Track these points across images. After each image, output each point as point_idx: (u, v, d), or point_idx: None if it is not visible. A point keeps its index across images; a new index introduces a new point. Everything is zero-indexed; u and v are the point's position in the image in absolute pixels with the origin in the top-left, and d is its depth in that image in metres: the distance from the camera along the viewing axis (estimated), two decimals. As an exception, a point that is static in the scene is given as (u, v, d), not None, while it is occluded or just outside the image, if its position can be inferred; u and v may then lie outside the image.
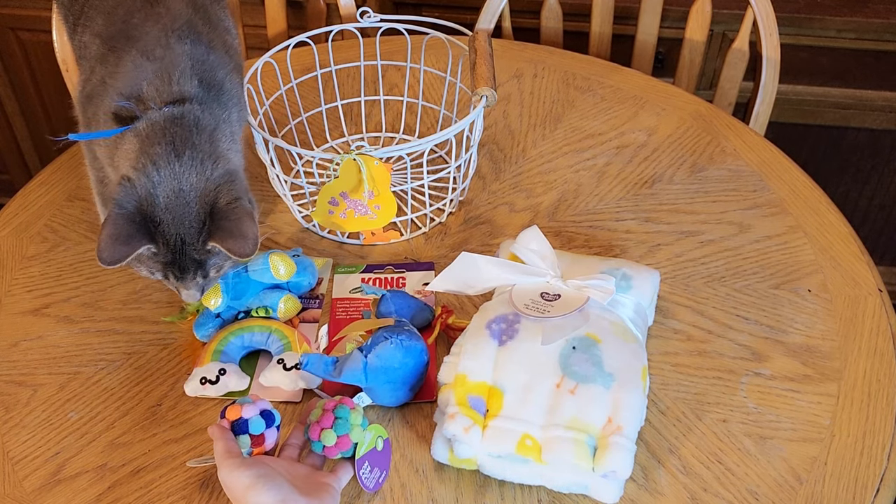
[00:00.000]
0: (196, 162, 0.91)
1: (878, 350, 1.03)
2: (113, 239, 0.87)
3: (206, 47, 1.00)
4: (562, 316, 0.94)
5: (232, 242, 0.90)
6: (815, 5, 1.75)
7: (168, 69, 0.96)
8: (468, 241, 1.18)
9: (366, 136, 1.35)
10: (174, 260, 0.91)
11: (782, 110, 1.81)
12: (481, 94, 1.12)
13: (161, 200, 0.89)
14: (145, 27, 0.99)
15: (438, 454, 0.92)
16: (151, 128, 0.93)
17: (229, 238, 0.90)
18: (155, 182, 0.89)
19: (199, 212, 0.90)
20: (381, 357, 0.97)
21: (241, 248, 0.90)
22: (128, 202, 0.89)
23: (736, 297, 1.09)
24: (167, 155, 0.91)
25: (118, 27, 1.00)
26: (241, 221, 0.90)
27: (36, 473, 0.96)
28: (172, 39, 0.98)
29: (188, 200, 0.90)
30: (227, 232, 0.90)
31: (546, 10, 1.64)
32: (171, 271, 0.92)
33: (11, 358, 1.07)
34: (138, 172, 0.90)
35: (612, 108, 1.37)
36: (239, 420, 0.86)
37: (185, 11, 1.02)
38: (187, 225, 0.90)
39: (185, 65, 0.97)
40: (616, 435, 0.88)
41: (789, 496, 0.90)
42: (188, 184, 0.90)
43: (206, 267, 0.93)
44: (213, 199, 0.91)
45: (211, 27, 1.04)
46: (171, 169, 0.90)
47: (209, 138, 0.94)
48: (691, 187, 1.24)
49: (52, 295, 1.14)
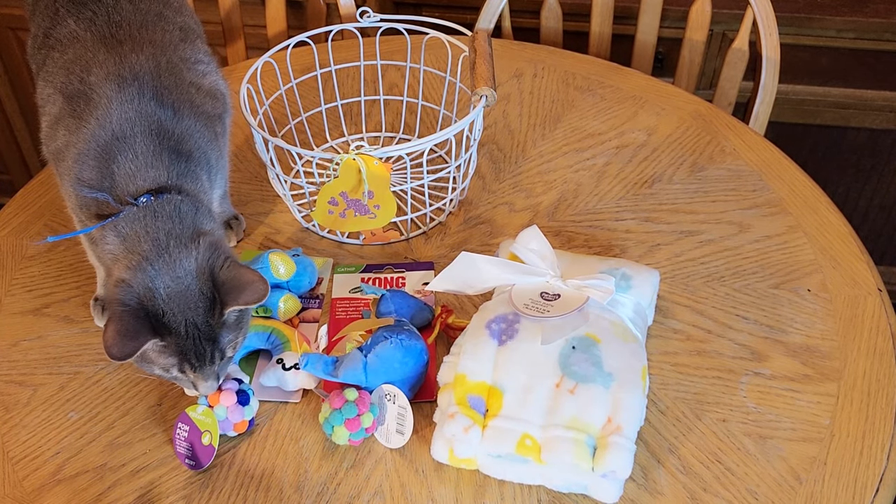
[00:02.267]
0: (182, 248, 0.91)
1: (878, 350, 1.03)
2: (121, 335, 0.86)
3: (174, 114, 0.97)
4: (561, 316, 0.94)
5: (245, 295, 0.90)
6: (815, 5, 1.75)
7: (136, 150, 0.94)
8: (468, 240, 1.18)
9: (366, 135, 1.35)
10: (189, 347, 0.90)
11: (782, 110, 1.81)
12: (481, 94, 1.12)
13: (162, 292, 0.89)
14: (105, 90, 0.96)
15: (438, 454, 0.92)
16: (132, 225, 0.92)
17: (241, 293, 0.90)
18: (151, 276, 0.89)
19: (201, 289, 0.90)
20: (381, 357, 0.97)
21: (254, 295, 0.89)
22: (130, 300, 0.88)
23: (736, 296, 1.09)
24: (156, 250, 0.90)
25: (76, 86, 0.97)
26: (242, 275, 0.90)
27: (36, 473, 0.96)
28: (136, 111, 0.95)
29: (188, 284, 0.89)
30: (237, 289, 0.90)
31: (546, 10, 1.64)
32: (188, 360, 0.91)
33: (11, 358, 1.07)
34: (132, 272, 0.89)
35: (612, 108, 1.37)
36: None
37: (151, 72, 0.99)
38: (193, 307, 0.89)
39: (153, 143, 0.95)
40: (616, 435, 0.88)
41: (789, 496, 0.90)
42: (182, 269, 0.90)
43: (221, 345, 0.92)
44: (210, 272, 0.91)
45: (179, 88, 1.00)
46: (163, 261, 0.90)
47: (191, 224, 0.93)
48: (691, 187, 1.24)
49: (52, 295, 1.14)
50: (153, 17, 1.05)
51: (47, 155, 1.03)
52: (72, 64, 1.00)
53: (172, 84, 1.00)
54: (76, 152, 0.95)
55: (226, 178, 1.08)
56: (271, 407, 1.00)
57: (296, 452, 0.96)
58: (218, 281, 0.90)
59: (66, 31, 1.02)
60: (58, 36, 1.02)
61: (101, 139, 0.94)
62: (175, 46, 1.04)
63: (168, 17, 1.06)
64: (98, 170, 0.94)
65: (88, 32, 1.01)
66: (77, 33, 1.01)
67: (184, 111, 0.99)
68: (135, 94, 0.96)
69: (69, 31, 1.02)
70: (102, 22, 1.02)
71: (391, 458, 0.95)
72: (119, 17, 1.02)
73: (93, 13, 1.02)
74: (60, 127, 0.98)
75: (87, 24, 1.02)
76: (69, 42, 1.01)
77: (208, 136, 1.02)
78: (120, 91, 0.96)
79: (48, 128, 1.00)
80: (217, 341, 0.91)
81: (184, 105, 0.99)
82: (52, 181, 1.29)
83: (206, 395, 0.95)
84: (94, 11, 1.02)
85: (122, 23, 1.02)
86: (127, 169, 0.94)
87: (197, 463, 0.94)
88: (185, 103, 1.00)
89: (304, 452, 0.96)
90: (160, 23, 1.05)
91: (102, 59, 0.99)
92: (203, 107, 1.03)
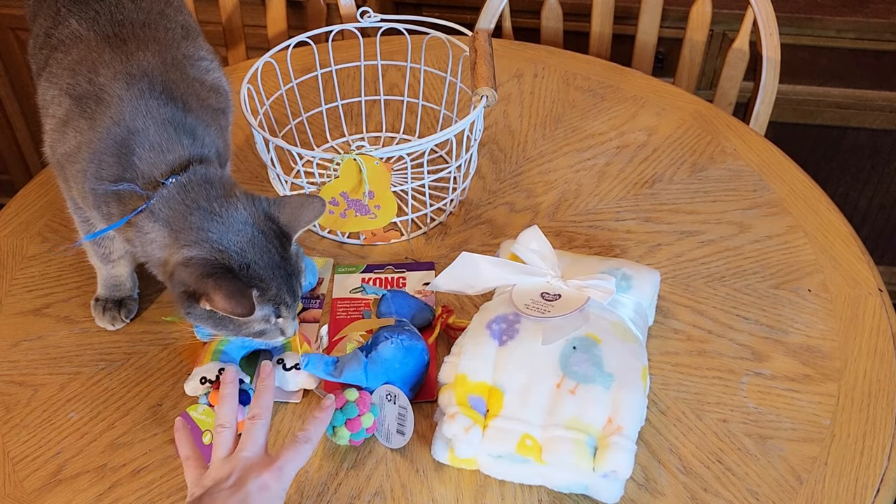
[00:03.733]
0: (228, 205, 0.92)
1: (879, 350, 1.03)
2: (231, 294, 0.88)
3: (184, 108, 0.98)
4: (562, 316, 0.94)
5: (307, 212, 0.94)
6: (815, 5, 1.75)
7: (152, 140, 0.94)
8: (468, 241, 1.18)
9: (366, 135, 1.35)
10: (282, 286, 0.92)
11: (782, 110, 1.81)
12: (481, 94, 1.12)
13: (235, 249, 0.90)
14: (115, 89, 0.96)
15: (439, 454, 0.92)
16: (169, 205, 0.92)
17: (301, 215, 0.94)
18: (216, 240, 0.90)
19: (264, 232, 0.92)
20: (382, 357, 0.97)
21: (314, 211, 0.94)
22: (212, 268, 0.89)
23: (736, 296, 1.09)
24: (207, 217, 0.91)
25: (84, 87, 0.97)
26: (291, 201, 0.94)
27: (36, 473, 0.96)
28: (148, 106, 0.96)
29: (251, 233, 0.91)
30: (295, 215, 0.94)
31: (546, 10, 1.64)
32: (283, 301, 0.93)
33: (12, 358, 1.07)
34: (197, 247, 0.90)
35: (612, 108, 1.37)
36: None
37: (158, 69, 0.99)
38: (268, 250, 0.91)
39: (168, 132, 0.95)
40: (616, 435, 0.88)
41: (789, 496, 0.90)
42: (239, 223, 0.92)
43: (299, 278, 0.95)
44: (264, 214, 0.93)
45: (185, 84, 1.01)
46: (218, 223, 0.91)
47: (220, 184, 0.94)
48: (691, 187, 1.24)
49: (52, 295, 1.14)
50: (155, 15, 1.05)
51: (51, 158, 1.03)
52: (77, 65, 0.99)
53: (179, 79, 1.00)
54: (91, 151, 0.95)
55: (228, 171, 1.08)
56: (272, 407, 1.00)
57: (296, 452, 0.96)
58: (274, 216, 0.93)
59: (68, 31, 1.02)
60: (60, 36, 1.02)
61: (118, 136, 0.94)
62: (178, 44, 1.04)
63: (169, 16, 1.06)
64: (118, 165, 0.94)
65: (91, 32, 1.01)
66: (80, 33, 1.01)
67: (192, 105, 1.00)
68: (145, 89, 0.96)
69: (71, 31, 1.02)
70: (105, 21, 1.02)
71: (392, 458, 0.95)
72: (122, 16, 1.02)
73: (95, 12, 1.02)
74: (69, 129, 0.98)
75: (90, 23, 1.02)
76: (72, 42, 1.01)
77: (215, 128, 1.03)
78: (129, 88, 0.96)
79: (54, 130, 1.00)
80: (296, 275, 0.95)
81: (191, 99, 1.00)
82: (52, 181, 1.29)
83: (207, 395, 0.95)
84: (97, 11, 1.02)
85: (125, 21, 1.02)
86: (147, 158, 0.94)
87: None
88: (193, 97, 1.01)
89: (304, 452, 0.96)
90: (162, 21, 1.05)
91: (108, 59, 0.99)
92: (208, 101, 1.04)
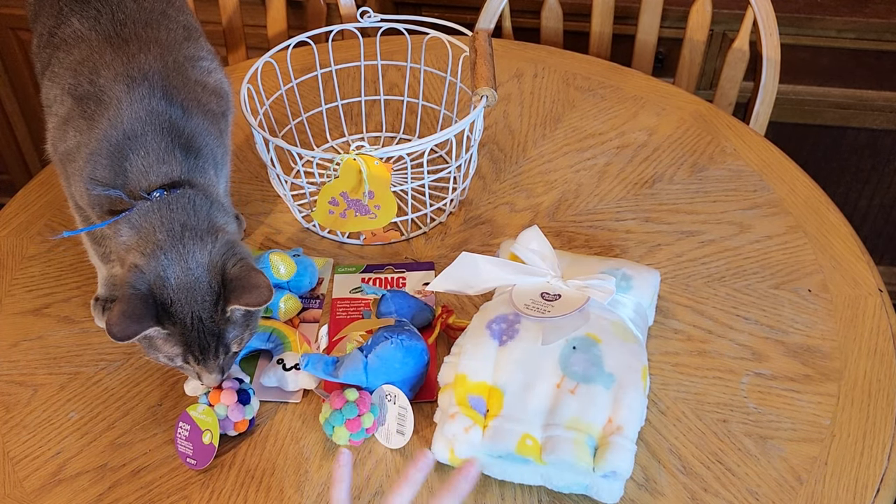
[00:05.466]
0: (197, 240, 0.92)
1: (879, 350, 1.03)
2: (125, 316, 0.87)
3: (183, 113, 0.98)
4: (562, 316, 0.94)
5: (248, 296, 0.90)
6: (815, 5, 1.75)
7: (147, 148, 0.94)
8: (468, 241, 1.18)
9: (366, 135, 1.35)
10: (194, 339, 0.91)
11: (782, 110, 1.81)
12: (481, 94, 1.12)
13: (172, 281, 0.90)
14: (115, 91, 0.96)
15: (439, 454, 0.92)
16: (146, 217, 0.92)
17: (244, 293, 0.90)
18: (164, 265, 0.90)
19: (210, 283, 0.91)
20: (382, 357, 0.97)
21: (257, 298, 0.90)
22: (140, 285, 0.89)
23: (736, 297, 1.09)
24: (170, 240, 0.91)
25: (86, 88, 0.98)
26: (250, 276, 0.91)
27: (36, 473, 0.96)
28: (147, 111, 0.96)
29: (198, 276, 0.90)
30: (241, 289, 0.91)
31: (546, 10, 1.64)
32: (192, 352, 0.91)
33: (12, 358, 1.07)
34: (146, 258, 0.90)
35: (612, 108, 1.37)
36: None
37: (159, 72, 0.99)
38: (200, 300, 0.90)
39: (164, 141, 0.95)
40: (616, 435, 0.88)
41: (789, 496, 0.90)
42: (195, 261, 0.91)
43: (226, 340, 0.92)
44: (222, 269, 0.92)
45: (187, 86, 1.01)
46: (176, 251, 0.91)
47: (205, 217, 0.94)
48: (691, 187, 1.24)
49: (52, 295, 1.14)
50: (157, 15, 1.05)
51: (53, 156, 1.03)
52: (79, 65, 0.99)
53: (180, 83, 1.00)
54: (88, 152, 0.96)
55: (228, 175, 1.09)
56: (271, 407, 1.00)
57: (296, 453, 0.96)
58: (226, 278, 0.91)
59: (70, 30, 1.02)
60: (62, 35, 1.02)
61: (113, 138, 0.95)
62: (179, 45, 1.04)
63: (171, 16, 1.06)
64: (111, 168, 0.95)
65: (93, 32, 1.01)
66: (82, 33, 1.01)
67: (192, 109, 0.99)
68: (145, 93, 0.96)
69: (74, 31, 1.02)
70: (107, 21, 1.02)
71: (392, 458, 0.95)
72: (123, 16, 1.02)
73: (97, 12, 1.02)
74: (70, 128, 0.98)
75: (92, 23, 1.02)
76: (74, 42, 1.01)
77: (214, 133, 1.02)
78: (130, 91, 0.96)
79: (56, 129, 1.00)
80: (222, 337, 0.92)
81: (192, 103, 1.00)
82: (52, 181, 1.29)
83: (207, 394, 0.95)
84: (99, 10, 1.02)
85: (127, 21, 1.02)
86: (139, 166, 0.94)
87: (198, 462, 0.94)
88: (193, 102, 1.00)
89: (304, 453, 0.96)
90: (164, 21, 1.05)
91: (110, 60, 0.99)
92: (209, 105, 1.03)
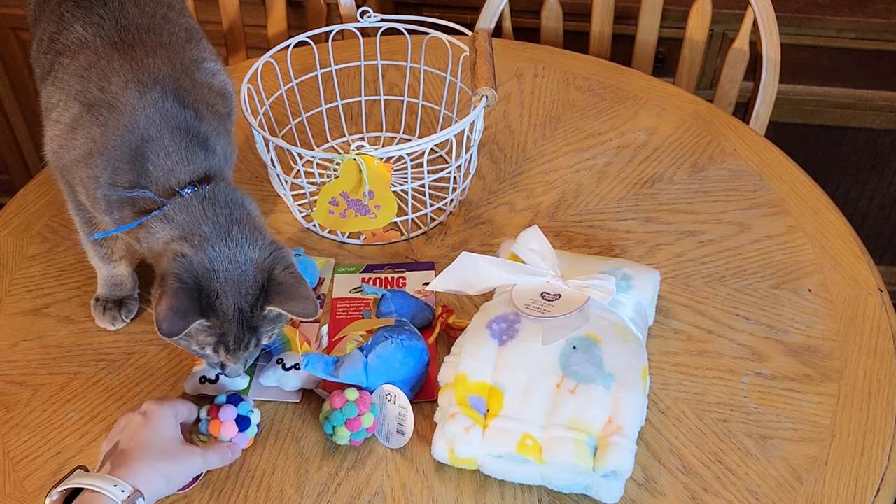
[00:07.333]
0: (246, 234, 0.92)
1: (879, 350, 1.03)
2: (173, 311, 0.87)
3: (196, 115, 0.98)
4: (562, 316, 0.94)
5: (294, 305, 0.91)
6: (815, 5, 1.75)
7: (168, 149, 0.95)
8: (468, 240, 1.18)
9: (366, 135, 1.35)
10: (230, 330, 0.91)
11: (782, 110, 1.81)
12: (481, 94, 1.12)
13: (220, 274, 0.90)
14: (128, 97, 0.96)
15: (439, 454, 0.92)
16: (186, 212, 0.92)
17: (290, 301, 0.91)
18: (211, 257, 0.90)
19: (255, 279, 0.91)
20: (382, 357, 0.97)
21: (303, 310, 0.91)
22: (187, 277, 0.89)
23: (736, 296, 1.09)
24: (218, 233, 0.91)
25: (96, 95, 0.97)
26: (299, 286, 0.92)
27: (37, 473, 0.96)
28: (161, 114, 0.96)
29: (245, 270, 0.91)
30: (288, 296, 0.91)
31: (546, 10, 1.64)
32: (224, 343, 0.92)
33: (12, 358, 1.07)
34: (194, 249, 0.90)
35: (612, 108, 1.37)
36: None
37: (169, 76, 0.99)
38: (244, 293, 0.91)
39: (183, 141, 0.95)
40: (616, 435, 0.88)
41: (789, 496, 0.90)
42: (243, 255, 0.91)
43: (259, 334, 0.93)
44: (270, 268, 0.92)
45: (195, 89, 1.01)
46: (225, 243, 0.91)
47: (245, 211, 0.95)
48: (691, 187, 1.24)
49: (52, 295, 1.14)
50: (159, 19, 1.05)
51: (54, 162, 1.03)
52: (86, 71, 0.99)
53: (189, 85, 1.00)
54: (105, 159, 0.95)
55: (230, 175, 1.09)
56: (271, 407, 1.00)
57: (296, 452, 0.96)
58: (274, 279, 0.92)
59: (73, 36, 1.01)
60: (65, 41, 1.02)
61: (132, 144, 0.95)
62: (183, 48, 1.04)
63: (173, 20, 1.06)
64: (134, 172, 0.95)
65: (97, 38, 1.01)
66: (86, 38, 1.01)
67: (203, 111, 1.00)
68: (158, 97, 0.96)
69: (77, 37, 1.01)
70: (110, 26, 1.01)
71: (392, 458, 0.95)
72: (126, 21, 1.02)
73: (99, 17, 1.02)
74: (80, 136, 0.97)
75: (95, 28, 1.01)
76: (78, 48, 1.01)
77: (224, 133, 1.03)
78: (142, 96, 0.96)
79: (61, 136, 1.00)
80: (257, 330, 0.93)
81: (202, 105, 1.00)
82: (52, 181, 1.28)
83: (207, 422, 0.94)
84: (101, 16, 1.02)
85: (130, 27, 1.02)
86: (163, 166, 0.94)
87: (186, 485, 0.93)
88: (203, 104, 1.01)
89: (304, 452, 0.96)
90: (166, 25, 1.05)
91: (118, 66, 0.98)
92: (216, 106, 1.04)
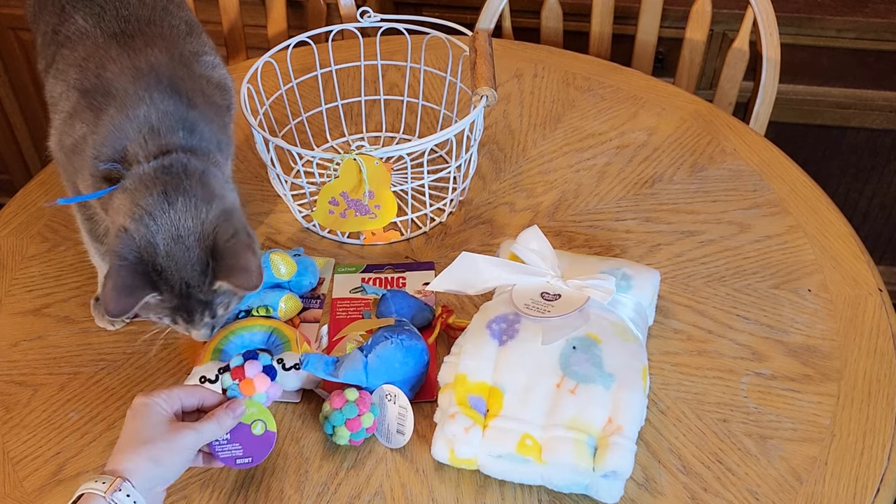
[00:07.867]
0: (190, 206, 0.91)
1: (879, 350, 1.03)
2: (118, 291, 0.87)
3: (188, 102, 0.98)
4: (562, 316, 0.94)
5: (236, 278, 0.90)
6: (815, 5, 1.75)
7: (152, 126, 0.95)
8: (468, 240, 1.18)
9: (366, 135, 1.35)
10: (181, 304, 0.91)
11: (782, 110, 1.81)
12: (481, 94, 1.12)
13: (161, 248, 0.89)
14: (122, 82, 0.97)
15: (439, 454, 0.92)
16: (140, 181, 0.92)
17: (233, 274, 0.90)
18: (153, 231, 0.89)
19: (200, 254, 0.90)
20: (382, 357, 0.97)
21: (245, 282, 0.90)
22: (128, 253, 0.89)
23: (736, 296, 1.09)
24: (160, 203, 0.90)
25: (92, 82, 0.98)
26: (241, 256, 0.91)
27: (37, 473, 0.96)
28: (152, 98, 0.96)
29: (188, 245, 0.90)
30: (230, 268, 0.90)
31: (546, 10, 1.64)
32: (179, 315, 0.92)
33: (11, 358, 1.07)
34: (135, 223, 0.90)
35: (612, 108, 1.37)
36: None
37: (166, 65, 0.99)
38: (189, 269, 0.90)
39: (169, 121, 0.96)
40: (616, 435, 0.88)
41: (789, 496, 0.90)
42: (185, 228, 0.90)
43: (213, 307, 0.93)
44: (213, 239, 0.91)
45: (192, 79, 1.01)
46: (167, 216, 0.90)
47: (199, 182, 0.93)
48: (691, 187, 1.24)
49: (52, 295, 1.14)
50: (160, 12, 1.05)
51: (58, 152, 1.03)
52: (84, 61, 1.00)
53: (186, 75, 1.01)
54: (94, 139, 0.96)
55: (230, 170, 1.09)
56: (271, 407, 1.00)
57: (296, 452, 0.96)
58: (216, 253, 0.91)
59: (74, 27, 1.02)
60: (66, 33, 1.03)
61: (118, 122, 0.95)
62: (183, 40, 1.05)
63: (173, 12, 1.07)
64: (112, 147, 0.95)
65: (98, 28, 1.01)
66: (86, 29, 1.02)
67: (197, 100, 1.00)
68: (152, 82, 0.97)
69: (77, 28, 1.02)
70: (111, 17, 1.02)
71: (392, 458, 0.95)
72: (127, 13, 1.03)
73: (100, 9, 1.03)
74: (76, 121, 0.98)
75: (96, 19, 1.02)
76: (78, 38, 1.02)
77: (219, 123, 1.03)
78: (136, 81, 0.97)
79: (62, 123, 1.01)
80: (210, 304, 0.93)
81: (197, 95, 1.00)
82: (52, 181, 1.29)
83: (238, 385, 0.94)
84: (102, 7, 1.03)
85: (131, 18, 1.03)
86: (140, 140, 0.95)
87: (254, 457, 0.91)
88: (198, 94, 1.01)
89: (304, 452, 0.96)
90: (167, 17, 1.05)
91: (116, 55, 0.99)
92: (213, 97, 1.04)
